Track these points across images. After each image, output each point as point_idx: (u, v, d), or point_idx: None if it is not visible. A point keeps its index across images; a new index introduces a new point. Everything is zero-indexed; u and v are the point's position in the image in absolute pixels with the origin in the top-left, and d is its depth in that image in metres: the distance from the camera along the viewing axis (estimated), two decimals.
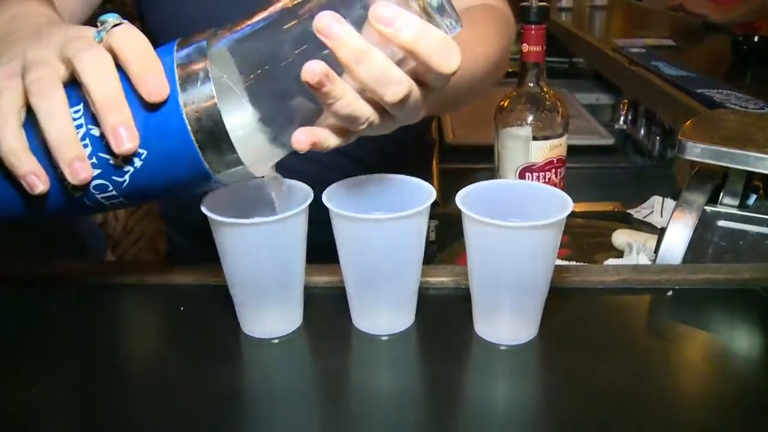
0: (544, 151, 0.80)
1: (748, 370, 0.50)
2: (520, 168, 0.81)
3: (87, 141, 0.45)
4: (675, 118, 1.14)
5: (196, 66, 0.44)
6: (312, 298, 0.56)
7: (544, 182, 0.81)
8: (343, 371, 0.51)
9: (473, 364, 0.51)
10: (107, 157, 0.45)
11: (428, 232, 0.88)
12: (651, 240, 0.79)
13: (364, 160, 0.79)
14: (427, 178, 1.02)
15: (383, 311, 0.53)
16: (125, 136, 0.44)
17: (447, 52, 0.43)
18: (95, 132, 0.45)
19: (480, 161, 1.38)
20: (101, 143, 0.45)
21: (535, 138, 0.80)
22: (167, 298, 0.59)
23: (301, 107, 0.45)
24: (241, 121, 0.45)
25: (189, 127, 0.44)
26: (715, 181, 0.69)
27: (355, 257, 0.51)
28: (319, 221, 0.51)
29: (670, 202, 0.96)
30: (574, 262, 0.84)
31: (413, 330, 0.54)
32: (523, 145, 0.80)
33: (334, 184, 0.52)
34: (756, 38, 1.39)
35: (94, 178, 0.46)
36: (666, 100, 1.17)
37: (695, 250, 0.67)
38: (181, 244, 0.97)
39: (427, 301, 0.56)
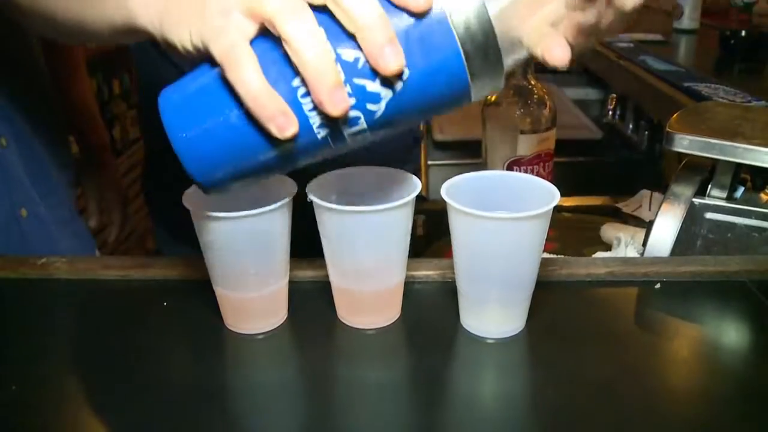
0: (532, 144, 0.80)
1: (736, 362, 0.50)
2: (508, 161, 0.81)
3: (338, 67, 0.40)
4: (663, 112, 1.14)
5: None
6: (297, 292, 0.55)
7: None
8: (329, 366, 0.50)
9: (460, 357, 0.51)
10: (363, 83, 0.40)
11: (416, 227, 0.88)
12: (639, 234, 0.79)
13: (351, 155, 0.79)
14: (416, 173, 1.02)
15: (369, 305, 0.52)
16: (393, 55, 0.39)
17: None
18: (347, 56, 0.40)
19: (468, 156, 1.37)
20: (355, 68, 0.40)
21: (522, 132, 0.80)
22: (150, 294, 0.58)
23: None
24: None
25: (457, 37, 0.40)
26: (703, 173, 0.69)
27: (339, 250, 0.50)
28: (305, 214, 0.51)
29: (658, 196, 0.96)
30: (562, 256, 0.83)
31: (399, 324, 0.53)
32: (511, 139, 0.80)
33: (318, 177, 0.52)
34: (743, 33, 1.39)
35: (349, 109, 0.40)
36: (654, 94, 1.17)
37: (683, 243, 0.67)
38: (168, 242, 0.96)
39: (414, 295, 0.56)
